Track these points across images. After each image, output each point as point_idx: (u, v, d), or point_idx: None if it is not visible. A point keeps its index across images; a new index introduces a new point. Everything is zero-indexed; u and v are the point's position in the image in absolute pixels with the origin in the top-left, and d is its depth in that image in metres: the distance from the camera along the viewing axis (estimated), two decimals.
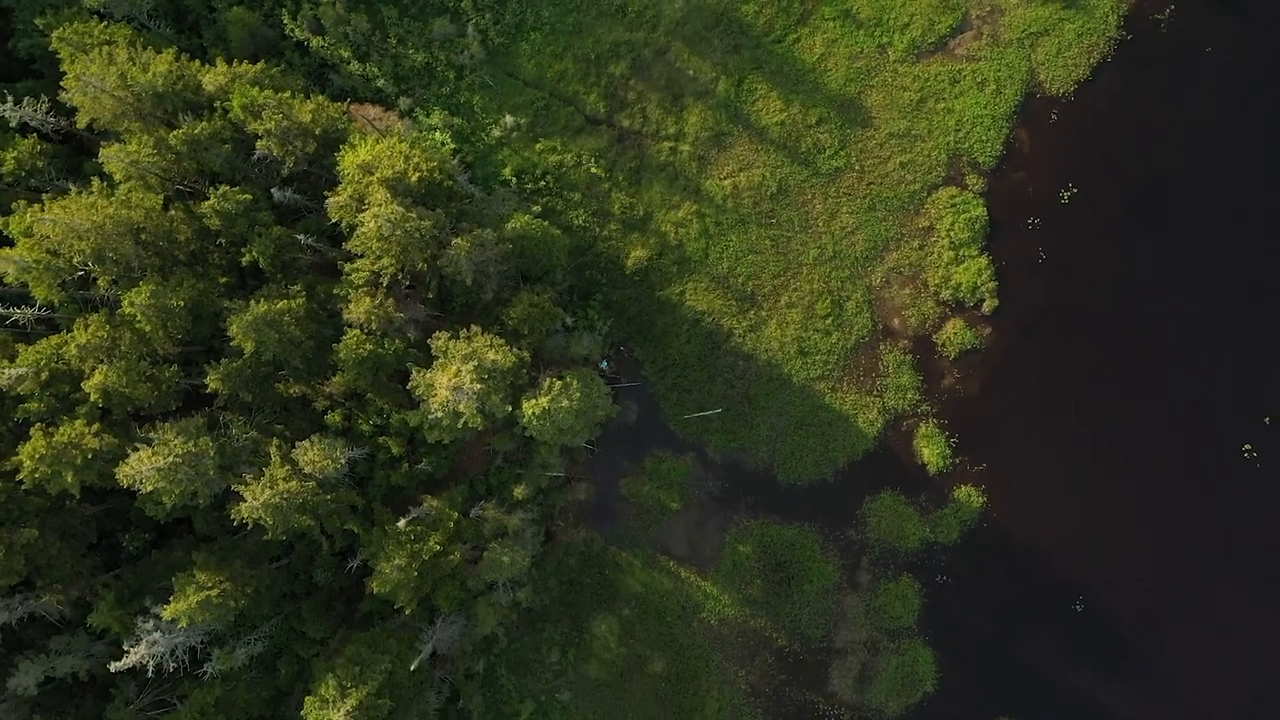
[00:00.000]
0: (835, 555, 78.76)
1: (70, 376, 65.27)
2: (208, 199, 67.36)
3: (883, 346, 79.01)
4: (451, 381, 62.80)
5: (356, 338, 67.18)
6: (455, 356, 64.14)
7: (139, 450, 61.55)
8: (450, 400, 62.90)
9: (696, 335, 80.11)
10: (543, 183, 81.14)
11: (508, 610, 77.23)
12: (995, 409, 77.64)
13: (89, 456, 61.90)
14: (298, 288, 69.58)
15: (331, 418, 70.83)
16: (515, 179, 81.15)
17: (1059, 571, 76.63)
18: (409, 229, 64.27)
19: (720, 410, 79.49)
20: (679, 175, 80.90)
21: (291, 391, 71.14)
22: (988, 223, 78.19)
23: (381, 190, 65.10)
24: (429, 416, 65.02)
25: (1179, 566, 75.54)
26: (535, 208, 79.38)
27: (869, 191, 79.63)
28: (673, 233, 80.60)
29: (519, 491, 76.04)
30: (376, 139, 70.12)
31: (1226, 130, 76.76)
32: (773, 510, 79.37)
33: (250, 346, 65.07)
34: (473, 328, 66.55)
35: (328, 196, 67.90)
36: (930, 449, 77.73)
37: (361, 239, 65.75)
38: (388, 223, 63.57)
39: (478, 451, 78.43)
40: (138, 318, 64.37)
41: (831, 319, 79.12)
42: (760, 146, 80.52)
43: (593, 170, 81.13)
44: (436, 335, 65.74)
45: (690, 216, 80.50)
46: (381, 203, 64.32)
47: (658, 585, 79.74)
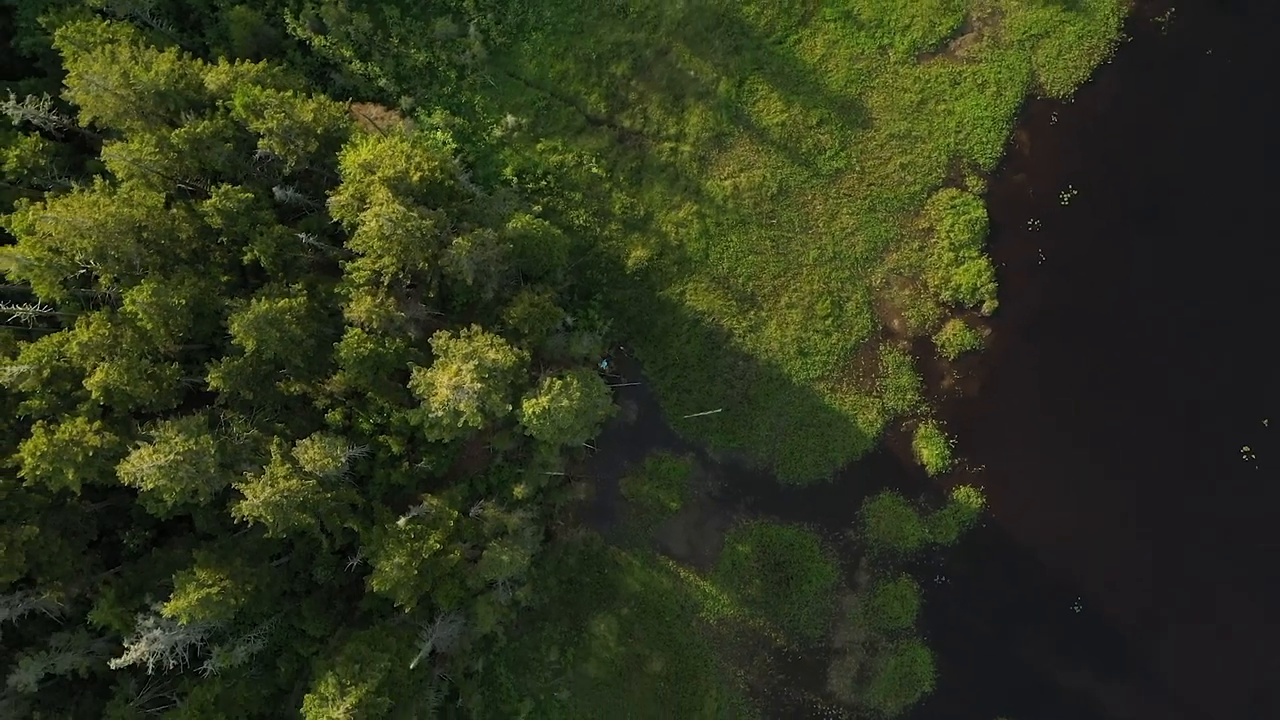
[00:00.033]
0: (834, 555, 78.89)
1: (72, 374, 65.38)
2: (209, 197, 67.52)
3: (882, 347, 79.14)
4: (452, 380, 62.91)
5: (357, 336, 67.31)
6: (456, 355, 64.25)
7: (140, 448, 61.68)
8: (451, 399, 63.01)
9: (696, 335, 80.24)
10: (544, 182, 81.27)
11: (507, 609, 77.31)
12: (994, 410, 77.77)
13: (90, 454, 61.96)
14: (299, 286, 69.70)
15: (332, 416, 70.94)
16: (516, 179, 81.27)
17: (1057, 572, 76.78)
18: (410, 228, 64.40)
19: (720, 410, 79.61)
20: (680, 175, 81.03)
21: (292, 390, 71.27)
22: (988, 224, 78.32)
23: (383, 189, 65.22)
24: (429, 415, 65.12)
25: (1177, 567, 75.70)
26: (536, 207, 79.46)
27: (869, 192, 79.76)
28: (673, 233, 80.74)
29: (519, 491, 76.17)
30: (378, 138, 70.25)
31: (1226, 132, 76.89)
32: (772, 510, 79.50)
33: (251, 345, 65.23)
34: (473, 327, 66.68)
35: (329, 195, 68.04)
36: (929, 450, 77.85)
37: (363, 238, 65.88)
38: (389, 222, 63.69)
39: (478, 450, 78.52)
40: (139, 316, 64.50)
41: (831, 320, 79.24)
42: (761, 147, 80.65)
43: (594, 170, 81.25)
44: (437, 334, 65.83)
45: (691, 217, 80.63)
46: (383, 202, 64.44)
47: (657, 585, 79.85)
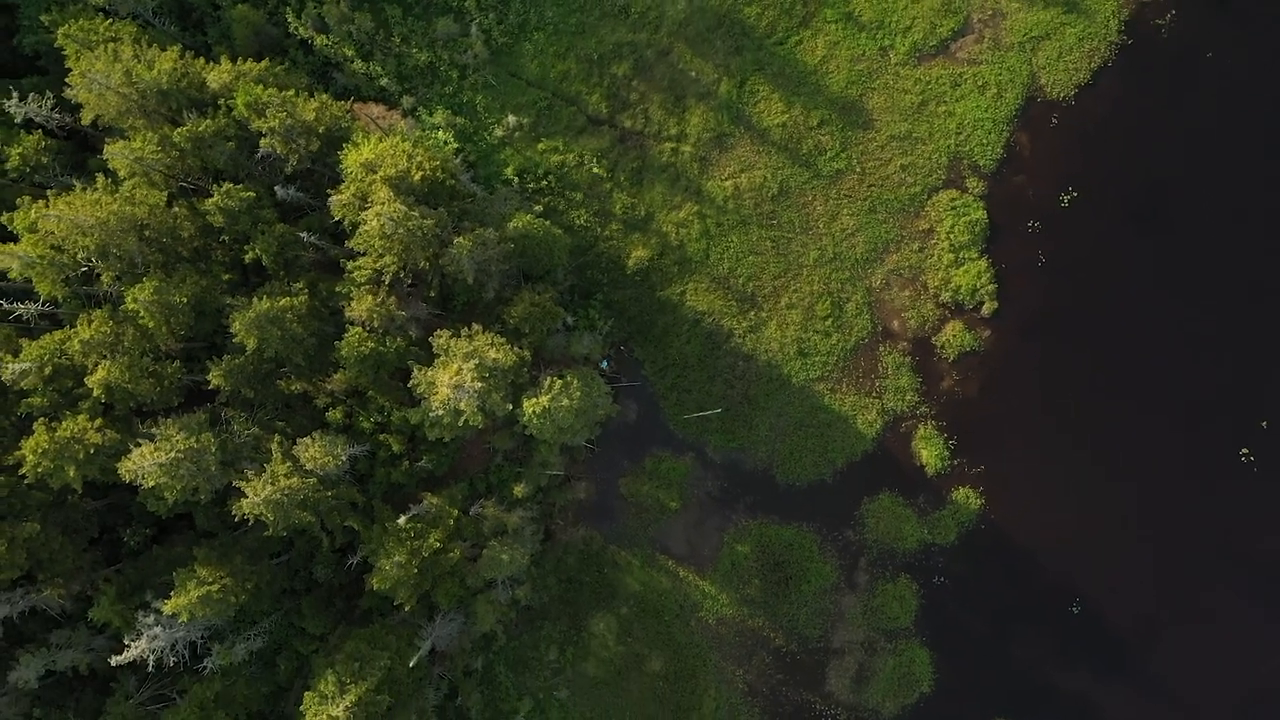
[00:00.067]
0: (833, 556, 79.02)
1: (73, 372, 65.46)
2: (211, 196, 67.61)
3: (882, 348, 79.26)
4: (452, 379, 63.01)
5: (358, 335, 67.40)
6: (456, 355, 64.36)
7: (141, 445, 61.74)
8: (451, 398, 63.09)
9: (697, 335, 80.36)
10: (545, 182, 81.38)
11: (506, 608, 77.39)
12: (994, 411, 77.90)
13: (91, 451, 62.02)
14: (300, 285, 69.81)
15: (333, 415, 71.06)
16: (517, 178, 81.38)
17: (1056, 573, 76.90)
18: (411, 227, 64.51)
19: (720, 410, 79.74)
20: (680, 176, 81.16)
21: (293, 388, 71.40)
22: (988, 226, 78.45)
23: (384, 189, 65.32)
24: (430, 414, 65.18)
25: (1176, 569, 75.83)
26: (537, 207, 79.57)
27: (869, 194, 79.89)
28: (674, 233, 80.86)
29: (519, 490, 76.30)
30: (379, 138, 70.36)
31: (1226, 135, 77.02)
32: (771, 510, 79.61)
33: (252, 343, 65.33)
34: (474, 326, 66.79)
35: (331, 194, 68.11)
36: (929, 450, 77.97)
37: (364, 237, 65.98)
38: (390, 221, 63.80)
39: (478, 449, 78.63)
40: (141, 314, 64.55)
41: (831, 320, 79.36)
42: (762, 148, 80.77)
43: (595, 170, 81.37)
44: (438, 333, 65.92)
45: (691, 217, 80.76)
46: (384, 201, 64.54)
47: (656, 584, 79.97)
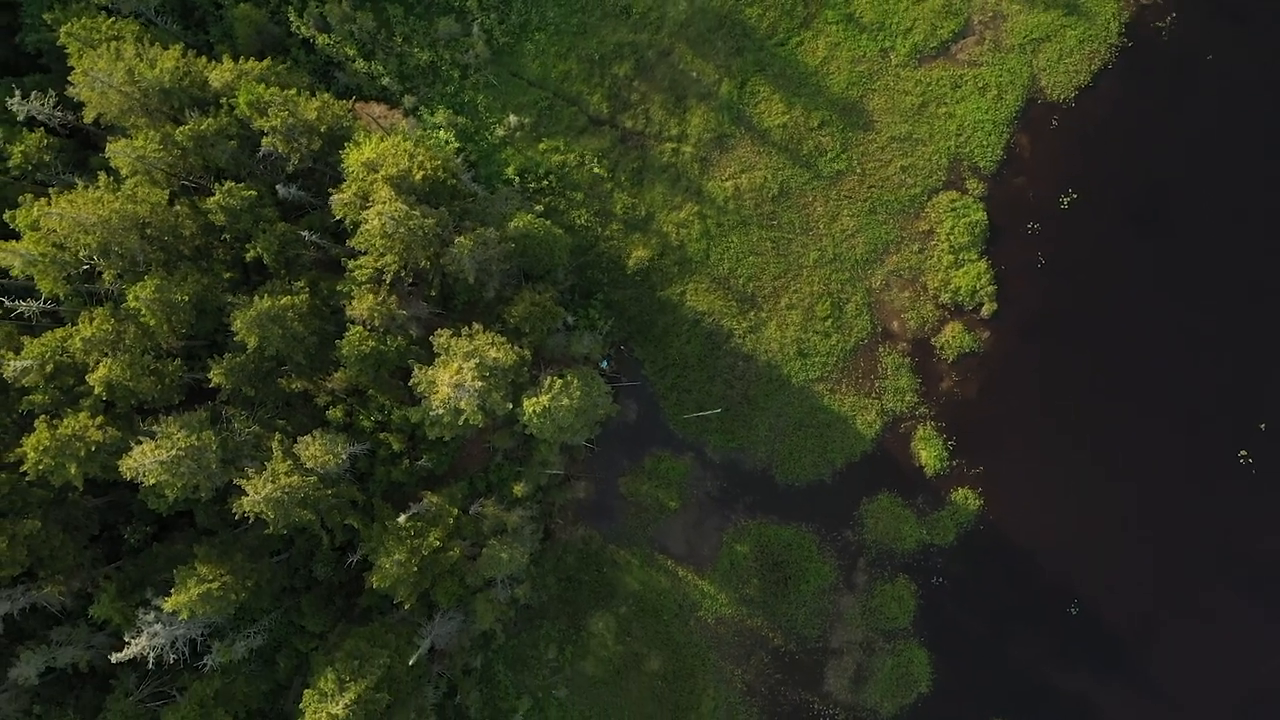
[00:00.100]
0: (832, 556, 79.13)
1: (75, 369, 65.57)
2: (213, 195, 67.74)
3: (882, 349, 79.38)
4: (453, 379, 63.12)
5: (359, 334, 67.52)
6: (457, 354, 64.48)
7: (142, 443, 61.82)
8: (451, 397, 63.18)
9: (697, 335, 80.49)
10: (545, 182, 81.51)
11: (506, 607, 77.47)
12: (993, 412, 78.02)
13: (92, 449, 62.11)
14: (301, 284, 69.94)
15: (333, 413, 71.18)
16: (518, 178, 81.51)
17: (1055, 574, 77.02)
18: (412, 227, 64.63)
19: (720, 410, 79.86)
20: (681, 176, 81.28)
21: (294, 387, 71.53)
22: (987, 227, 78.58)
23: (386, 188, 65.44)
24: (430, 413, 65.26)
25: (1175, 570, 75.96)
26: (538, 207, 79.69)
27: (870, 195, 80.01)
28: (674, 233, 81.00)
29: (518, 489, 76.43)
30: (381, 137, 70.48)
31: (1227, 137, 77.16)
32: (770, 510, 79.73)
33: (253, 341, 65.45)
34: (474, 325, 66.92)
35: (332, 193, 68.21)
36: (928, 451, 78.10)
37: (365, 236, 66.10)
38: (391, 220, 63.92)
39: (478, 449, 78.75)
40: (142, 312, 64.65)
41: (831, 321, 79.49)
42: (762, 149, 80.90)
43: (595, 170, 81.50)
44: (438, 332, 66.03)
45: (692, 217, 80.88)
46: (385, 200, 64.65)
47: (655, 584, 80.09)
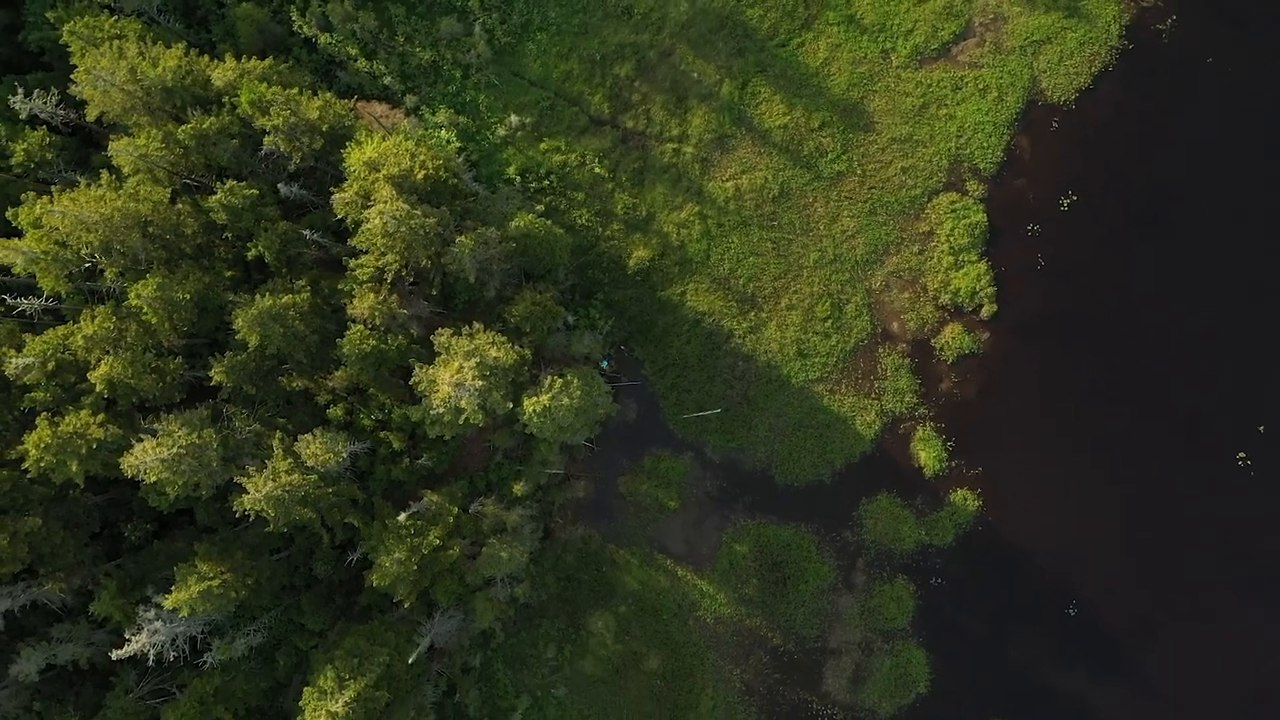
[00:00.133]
0: (831, 556, 79.24)
1: (76, 367, 65.68)
2: (215, 193, 67.89)
3: (881, 350, 79.50)
4: (453, 378, 63.25)
5: (360, 333, 67.65)
6: (457, 353, 64.62)
7: (143, 441, 61.97)
8: (452, 396, 63.30)
9: (697, 335, 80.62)
10: (546, 182, 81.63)
11: (505, 605, 77.60)
12: (992, 413, 78.12)
13: (93, 446, 62.25)
14: (302, 282, 70.08)
15: (334, 412, 71.31)
16: (519, 178, 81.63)
17: (1053, 575, 77.12)
18: (414, 226, 64.78)
19: (719, 410, 79.98)
20: (682, 177, 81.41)
21: (294, 385, 71.67)
22: (987, 228, 78.69)
23: (387, 187, 65.59)
24: (430, 412, 65.39)
25: (1173, 571, 76.04)
26: (539, 207, 79.83)
27: (870, 196, 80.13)
28: (675, 233, 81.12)
29: (518, 488, 76.57)
30: (383, 136, 70.59)
31: (1227, 139, 77.25)
32: (770, 510, 79.85)
33: (255, 340, 65.60)
34: (475, 325, 67.06)
35: (334, 193, 68.35)
36: (927, 452, 78.22)
37: (366, 235, 66.26)
38: (393, 219, 64.06)
39: (478, 448, 78.87)
40: (144, 310, 64.83)
41: (831, 321, 79.61)
42: (763, 149, 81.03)
43: (596, 170, 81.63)
44: (439, 332, 66.15)
45: (692, 218, 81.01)
46: (387, 199, 64.80)
47: (654, 583, 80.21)
